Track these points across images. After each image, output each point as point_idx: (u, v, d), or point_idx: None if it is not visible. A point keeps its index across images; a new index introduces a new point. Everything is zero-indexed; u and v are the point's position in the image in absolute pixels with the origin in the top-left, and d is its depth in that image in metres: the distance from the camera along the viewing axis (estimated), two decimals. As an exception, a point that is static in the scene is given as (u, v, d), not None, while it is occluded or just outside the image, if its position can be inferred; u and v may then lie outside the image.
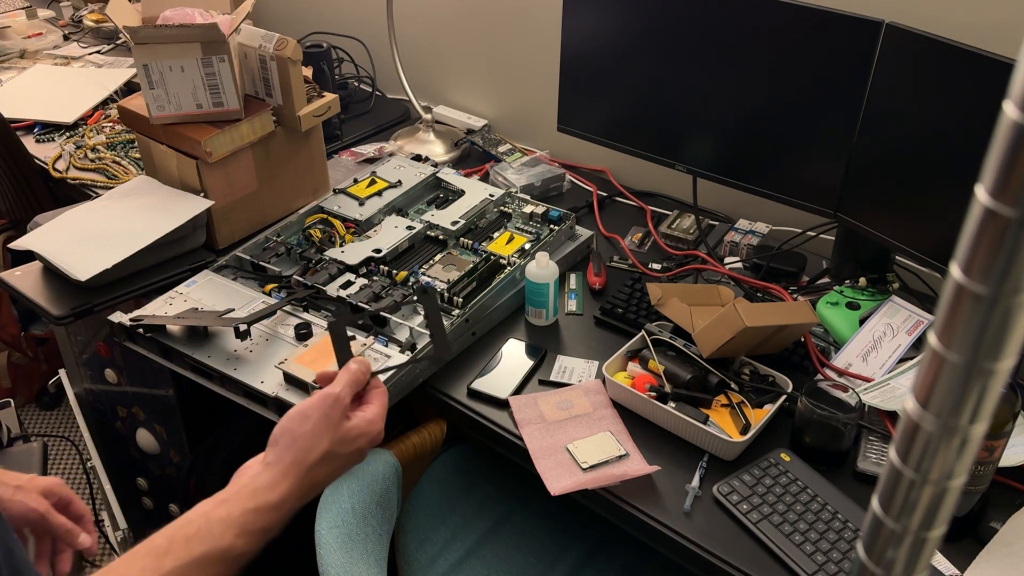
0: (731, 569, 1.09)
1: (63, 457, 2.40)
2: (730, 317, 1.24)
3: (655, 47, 1.57)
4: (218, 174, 1.59)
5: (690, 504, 1.15)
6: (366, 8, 2.23)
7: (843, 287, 1.48)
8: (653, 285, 1.40)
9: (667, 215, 1.76)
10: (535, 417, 1.27)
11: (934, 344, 0.33)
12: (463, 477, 1.51)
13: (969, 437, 0.35)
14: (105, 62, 2.35)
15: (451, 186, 1.72)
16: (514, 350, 1.41)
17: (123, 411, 1.77)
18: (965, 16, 1.38)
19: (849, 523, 1.11)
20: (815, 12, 1.37)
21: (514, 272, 1.48)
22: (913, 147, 1.33)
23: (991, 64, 1.17)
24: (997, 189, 0.29)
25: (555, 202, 1.77)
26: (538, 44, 1.94)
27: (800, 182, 1.50)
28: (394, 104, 2.22)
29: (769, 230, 1.67)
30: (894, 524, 0.38)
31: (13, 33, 2.43)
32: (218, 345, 1.33)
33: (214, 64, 1.54)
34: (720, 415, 1.25)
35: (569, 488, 1.16)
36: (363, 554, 1.16)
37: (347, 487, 1.22)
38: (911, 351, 1.35)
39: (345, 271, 1.48)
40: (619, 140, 1.71)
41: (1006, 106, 0.29)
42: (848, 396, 1.22)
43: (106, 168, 1.88)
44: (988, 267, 0.30)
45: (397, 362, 1.20)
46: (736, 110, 1.53)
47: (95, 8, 2.56)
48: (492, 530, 1.43)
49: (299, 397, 1.24)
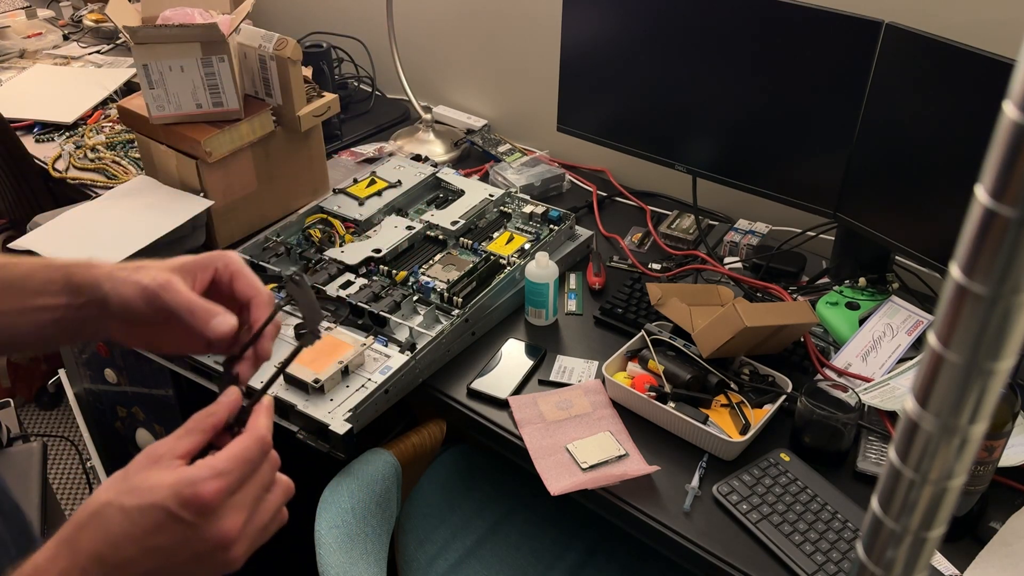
0: (731, 569, 1.09)
1: (63, 457, 2.40)
2: (730, 317, 1.24)
3: (655, 47, 1.57)
4: (218, 174, 1.59)
5: (690, 504, 1.15)
6: (366, 8, 2.23)
7: (843, 287, 1.48)
8: (653, 285, 1.40)
9: (667, 215, 1.76)
10: (535, 417, 1.27)
11: (934, 344, 0.33)
12: (463, 477, 1.51)
13: (969, 437, 0.35)
14: (105, 62, 2.35)
15: (451, 186, 1.72)
16: (514, 350, 1.41)
17: (123, 411, 1.77)
18: (965, 16, 1.38)
19: (849, 523, 1.11)
20: (815, 12, 1.37)
21: (514, 272, 1.48)
22: (913, 147, 1.33)
23: (991, 64, 1.17)
24: (997, 189, 0.29)
25: (555, 202, 1.77)
26: (538, 44, 1.94)
27: (800, 182, 1.50)
28: (394, 104, 2.22)
29: (769, 230, 1.67)
30: (894, 524, 0.38)
31: (13, 33, 2.43)
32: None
33: (214, 64, 1.54)
34: (720, 415, 1.25)
35: (569, 488, 1.16)
36: (363, 554, 1.16)
37: (347, 487, 1.22)
38: (911, 351, 1.36)
39: (345, 271, 1.48)
40: (619, 140, 1.71)
41: (1006, 106, 0.29)
42: (848, 396, 1.22)
43: (106, 168, 1.88)
44: (988, 267, 0.30)
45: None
46: (736, 110, 1.53)
47: (95, 8, 2.56)
48: (492, 530, 1.43)
49: (299, 397, 1.24)
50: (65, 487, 2.33)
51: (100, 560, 0.53)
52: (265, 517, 0.58)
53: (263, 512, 0.58)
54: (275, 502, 0.59)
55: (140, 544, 0.54)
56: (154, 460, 0.56)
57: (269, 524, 0.59)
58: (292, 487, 0.61)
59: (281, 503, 0.60)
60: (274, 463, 0.60)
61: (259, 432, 0.59)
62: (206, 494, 0.54)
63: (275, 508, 0.59)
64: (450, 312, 1.39)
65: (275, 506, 0.59)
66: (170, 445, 0.57)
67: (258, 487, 0.57)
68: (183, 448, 0.57)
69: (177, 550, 0.54)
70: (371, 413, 1.25)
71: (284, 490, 0.60)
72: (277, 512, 0.60)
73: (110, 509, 0.54)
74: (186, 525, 0.54)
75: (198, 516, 0.54)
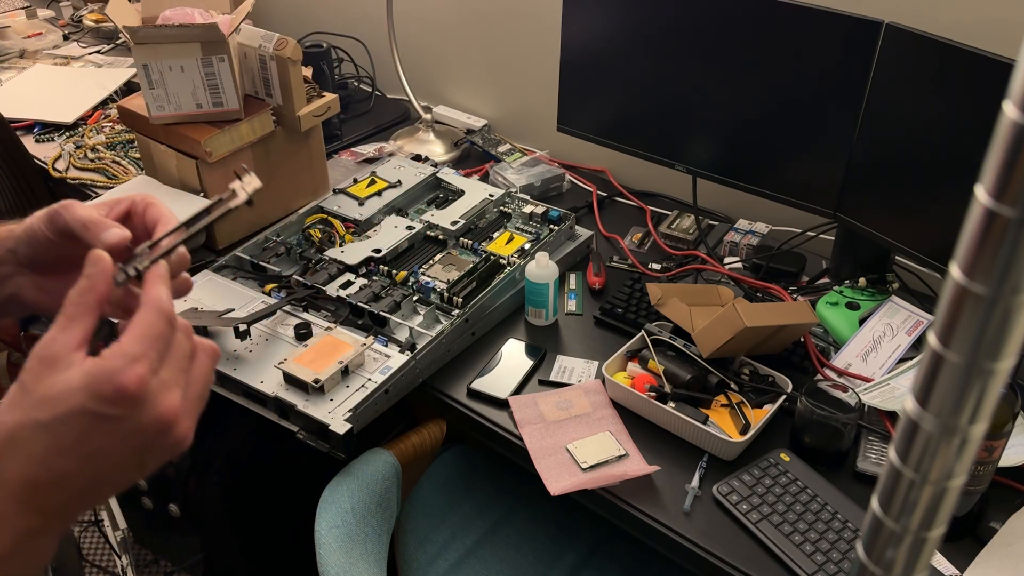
0: (731, 569, 1.09)
1: (63, 457, 2.40)
2: (730, 317, 1.24)
3: (655, 47, 1.57)
4: (218, 174, 1.59)
5: (690, 504, 1.15)
6: (366, 8, 2.23)
7: (843, 287, 1.48)
8: (653, 285, 1.40)
9: (667, 215, 1.76)
10: (535, 417, 1.27)
11: (934, 344, 0.33)
12: (463, 477, 1.51)
13: (969, 437, 0.35)
14: (105, 62, 2.35)
15: (451, 186, 1.72)
16: (514, 350, 1.41)
17: (123, 411, 1.76)
18: (965, 16, 1.38)
19: (849, 523, 1.11)
20: (815, 12, 1.37)
21: (514, 272, 1.48)
22: (913, 147, 1.33)
23: (991, 64, 1.17)
24: (997, 189, 0.29)
25: (555, 202, 1.77)
26: (538, 44, 1.94)
27: (800, 182, 1.50)
28: (394, 104, 2.22)
29: (769, 230, 1.67)
30: (894, 524, 0.38)
31: (13, 33, 2.43)
32: (218, 345, 1.33)
33: (214, 64, 1.54)
34: (720, 415, 1.25)
35: (569, 488, 1.16)
36: (363, 554, 1.16)
37: (347, 487, 1.22)
38: (911, 351, 1.35)
39: (345, 271, 1.48)
40: (619, 140, 1.71)
41: (1006, 106, 0.29)
42: (848, 396, 1.22)
43: (106, 168, 1.88)
44: (988, 267, 0.30)
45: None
46: (736, 110, 1.53)
47: (95, 8, 2.56)
48: (492, 530, 1.43)
49: (299, 397, 1.24)
50: (65, 487, 2.33)
51: (33, 485, 0.48)
52: (199, 387, 0.54)
53: (196, 382, 0.54)
54: (205, 366, 0.55)
55: (73, 454, 0.49)
56: (50, 362, 0.49)
57: (204, 391, 0.55)
58: (216, 348, 0.57)
59: (210, 367, 0.56)
60: (186, 330, 0.54)
61: (157, 303, 0.52)
62: (129, 384, 0.48)
63: (207, 374, 0.55)
64: (450, 312, 1.39)
65: (206, 371, 0.55)
66: (61, 340, 0.50)
67: (180, 358, 0.53)
68: (75, 338, 0.50)
69: (117, 448, 0.50)
70: (371, 413, 1.25)
71: (210, 353, 0.56)
72: (209, 377, 0.56)
73: (25, 430, 0.48)
74: (117, 421, 0.49)
75: (128, 408, 0.49)
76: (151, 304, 0.52)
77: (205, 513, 1.67)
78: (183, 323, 0.54)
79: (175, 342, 0.53)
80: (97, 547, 2.15)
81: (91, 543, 2.15)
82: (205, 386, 0.55)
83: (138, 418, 0.49)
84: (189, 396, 0.53)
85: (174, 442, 0.52)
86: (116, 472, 0.51)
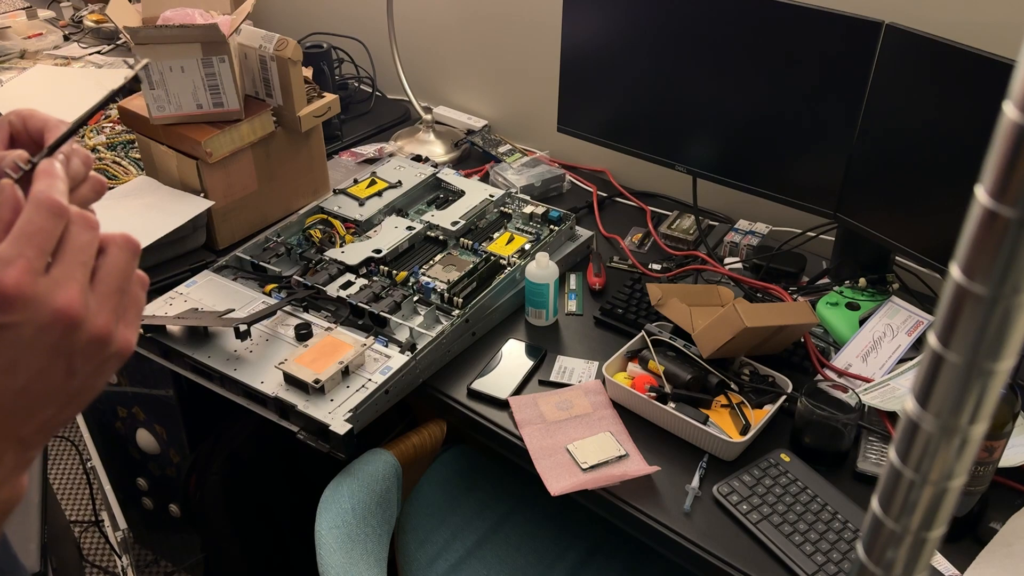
0: (731, 569, 1.09)
1: (63, 457, 2.41)
2: (730, 317, 1.24)
3: (655, 47, 1.57)
4: (218, 174, 1.59)
5: (690, 504, 1.15)
6: (366, 8, 2.23)
7: (843, 287, 1.48)
8: (653, 285, 1.40)
9: (667, 215, 1.76)
10: (535, 417, 1.27)
11: (934, 344, 0.33)
12: (463, 477, 1.51)
13: (969, 437, 0.35)
14: (105, 62, 2.35)
15: (451, 186, 1.72)
16: (514, 350, 1.41)
17: (123, 411, 1.77)
18: (965, 16, 1.38)
19: (849, 523, 1.11)
20: (815, 12, 1.37)
21: (514, 272, 1.48)
22: (913, 147, 1.33)
23: (991, 64, 1.17)
24: (997, 189, 0.29)
25: (555, 202, 1.77)
26: (538, 45, 1.94)
27: (800, 182, 1.51)
28: (394, 104, 2.22)
29: (769, 230, 1.67)
30: (894, 524, 0.38)
31: (13, 33, 2.43)
32: (218, 345, 1.33)
33: (214, 64, 1.54)
34: (720, 415, 1.25)
35: (569, 488, 1.16)
36: (363, 554, 1.16)
37: (347, 487, 1.22)
38: (911, 351, 1.36)
39: (345, 271, 1.48)
40: (619, 140, 1.71)
41: (1006, 106, 0.29)
42: (848, 396, 1.22)
43: (106, 168, 1.88)
44: (988, 267, 0.30)
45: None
46: (736, 110, 1.53)
47: (95, 8, 2.56)
48: (492, 530, 1.43)
49: (299, 397, 1.24)
50: (65, 487, 2.33)
51: None
52: (112, 280, 0.50)
53: (107, 276, 0.49)
54: (117, 259, 0.50)
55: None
56: None
57: (121, 284, 0.50)
58: (133, 241, 0.52)
59: (125, 260, 0.51)
60: (87, 223, 0.49)
61: (36, 198, 0.47)
62: (7, 287, 0.44)
63: (121, 267, 0.50)
64: (450, 312, 1.39)
65: (120, 264, 0.50)
66: None
67: (76, 251, 0.48)
68: None
69: (28, 355, 0.46)
70: (371, 413, 1.25)
71: (123, 246, 0.51)
72: (126, 269, 0.51)
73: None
74: (14, 328, 0.45)
75: (19, 312, 0.45)
76: (31, 200, 0.47)
77: (205, 513, 1.67)
78: (83, 216, 0.49)
79: (69, 236, 0.48)
80: (97, 547, 2.15)
81: (91, 543, 2.15)
82: (121, 280, 0.50)
83: (34, 318, 0.45)
84: (99, 290, 0.48)
85: (94, 339, 0.48)
86: (44, 381, 0.47)
